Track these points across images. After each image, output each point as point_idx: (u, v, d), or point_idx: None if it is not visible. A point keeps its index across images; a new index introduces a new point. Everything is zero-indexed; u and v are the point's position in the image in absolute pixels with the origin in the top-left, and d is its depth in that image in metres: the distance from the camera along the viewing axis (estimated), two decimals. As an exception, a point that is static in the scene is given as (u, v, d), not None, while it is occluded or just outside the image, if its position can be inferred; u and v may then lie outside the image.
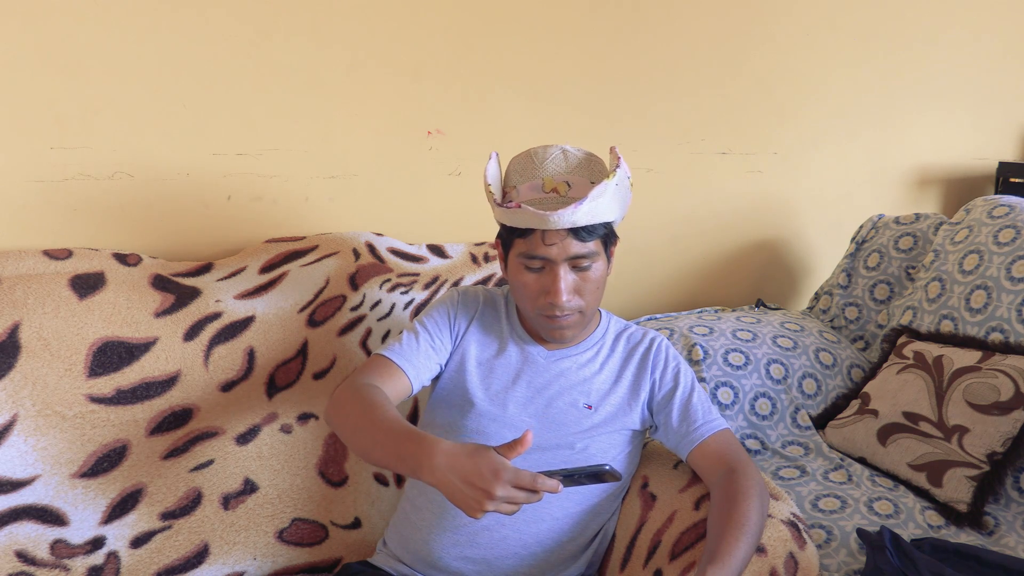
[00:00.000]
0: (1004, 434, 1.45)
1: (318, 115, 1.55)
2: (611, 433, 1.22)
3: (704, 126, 2.02)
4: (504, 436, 1.18)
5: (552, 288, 1.12)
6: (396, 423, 0.98)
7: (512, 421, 1.19)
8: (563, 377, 1.23)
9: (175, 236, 1.48)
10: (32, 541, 1.20)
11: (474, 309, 1.28)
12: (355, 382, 1.10)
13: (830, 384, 1.79)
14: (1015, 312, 1.61)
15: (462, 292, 1.30)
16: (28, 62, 1.31)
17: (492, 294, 1.32)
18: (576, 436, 1.20)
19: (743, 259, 2.20)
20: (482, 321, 1.27)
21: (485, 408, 1.20)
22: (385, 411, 1.01)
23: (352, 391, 1.07)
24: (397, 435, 0.95)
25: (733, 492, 1.08)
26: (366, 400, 1.04)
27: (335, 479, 1.39)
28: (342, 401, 1.07)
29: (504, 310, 1.29)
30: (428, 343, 1.21)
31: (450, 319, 1.25)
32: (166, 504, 1.28)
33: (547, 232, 1.09)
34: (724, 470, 1.14)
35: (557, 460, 1.18)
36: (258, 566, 1.32)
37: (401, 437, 0.94)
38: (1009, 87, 2.49)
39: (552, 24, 1.76)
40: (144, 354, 1.30)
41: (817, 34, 2.13)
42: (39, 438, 1.22)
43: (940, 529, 1.42)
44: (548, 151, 1.14)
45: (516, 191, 1.13)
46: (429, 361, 1.21)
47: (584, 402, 1.22)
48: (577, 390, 1.22)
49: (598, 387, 1.23)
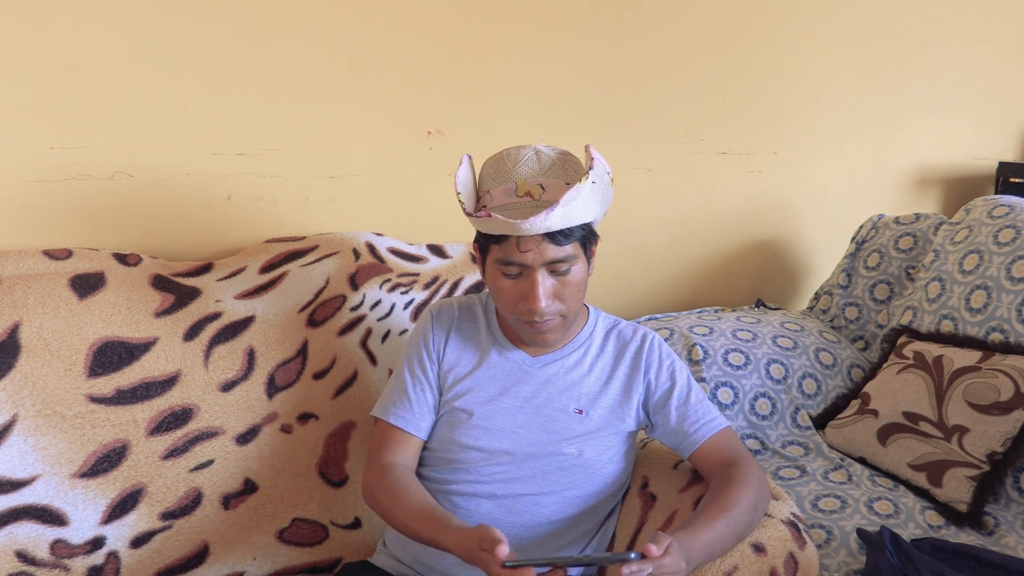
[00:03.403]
0: (1004, 434, 1.45)
1: (318, 115, 1.55)
2: (606, 437, 1.21)
3: (704, 126, 2.02)
4: (497, 447, 1.17)
5: (530, 294, 1.10)
6: (417, 510, 1.11)
7: (503, 432, 1.18)
8: (551, 383, 1.21)
9: (175, 236, 1.48)
10: (32, 541, 1.20)
11: (448, 324, 1.26)
12: (378, 465, 1.19)
13: (830, 384, 1.79)
14: (1015, 312, 1.61)
15: (436, 312, 1.27)
16: (28, 62, 1.31)
17: (469, 304, 1.29)
18: (568, 442, 1.18)
19: (743, 259, 2.20)
20: (459, 334, 1.25)
21: (474, 421, 1.19)
22: (408, 499, 1.13)
23: (378, 478, 1.17)
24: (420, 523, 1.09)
25: (727, 479, 1.11)
26: (391, 488, 1.15)
27: (335, 479, 1.39)
28: (372, 490, 1.18)
29: (483, 318, 1.27)
30: (420, 391, 1.22)
31: (428, 349, 1.24)
32: (166, 504, 1.28)
33: (522, 238, 1.07)
34: (725, 467, 1.14)
35: (551, 467, 1.18)
36: (258, 566, 1.32)
37: (424, 525, 1.08)
38: (1009, 87, 2.49)
39: (552, 24, 1.76)
40: (144, 354, 1.30)
41: (817, 35, 2.12)
42: (39, 438, 1.22)
43: (940, 529, 1.42)
44: (521, 152, 1.12)
45: (490, 196, 1.11)
46: (426, 407, 1.22)
47: (575, 407, 1.20)
48: (566, 395, 1.20)
49: (588, 390, 1.21)
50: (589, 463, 1.19)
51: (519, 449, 1.18)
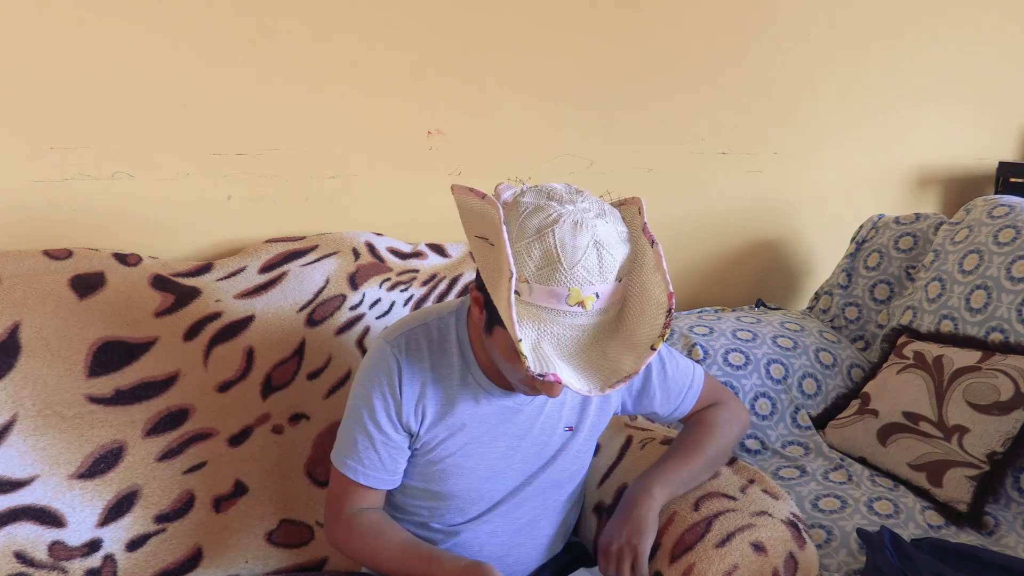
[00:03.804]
0: (1004, 434, 1.45)
1: (318, 115, 1.55)
2: (592, 438, 1.21)
3: (704, 126, 2.02)
4: (493, 488, 1.15)
5: (546, 388, 0.99)
6: (401, 550, 1.06)
7: (497, 473, 1.14)
8: (541, 413, 1.14)
9: (175, 236, 1.48)
10: (31, 542, 1.20)
11: (421, 378, 1.08)
12: (341, 518, 1.10)
13: (830, 384, 1.79)
14: (1015, 312, 1.61)
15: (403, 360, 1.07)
16: (28, 62, 1.31)
17: (441, 339, 1.10)
18: (560, 457, 1.17)
19: (743, 259, 2.20)
20: (436, 387, 1.08)
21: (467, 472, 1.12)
22: (387, 542, 1.07)
23: (346, 531, 1.09)
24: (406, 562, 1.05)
25: (697, 420, 1.24)
26: (366, 536, 1.08)
27: (322, 479, 1.38)
28: (343, 544, 1.10)
29: (458, 359, 1.09)
30: (392, 448, 1.09)
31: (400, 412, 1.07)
32: (160, 507, 1.28)
33: None
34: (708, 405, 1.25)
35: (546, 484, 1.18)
36: (250, 569, 1.32)
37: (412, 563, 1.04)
38: (1009, 86, 2.49)
39: (552, 24, 1.76)
40: (144, 354, 1.29)
41: (817, 34, 2.12)
42: (38, 438, 1.22)
43: (940, 529, 1.42)
44: (578, 243, 0.89)
45: (528, 287, 0.90)
46: (400, 461, 1.11)
47: (564, 425, 1.16)
48: (555, 417, 1.15)
49: (573, 403, 1.16)
50: (579, 468, 1.22)
51: (515, 483, 1.16)
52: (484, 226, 0.96)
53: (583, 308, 0.90)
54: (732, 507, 1.14)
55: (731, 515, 1.12)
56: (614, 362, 0.92)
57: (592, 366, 0.91)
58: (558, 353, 0.90)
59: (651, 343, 0.92)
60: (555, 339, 0.91)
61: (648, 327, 0.94)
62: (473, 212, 0.98)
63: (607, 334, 0.94)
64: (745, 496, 1.16)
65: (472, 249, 0.99)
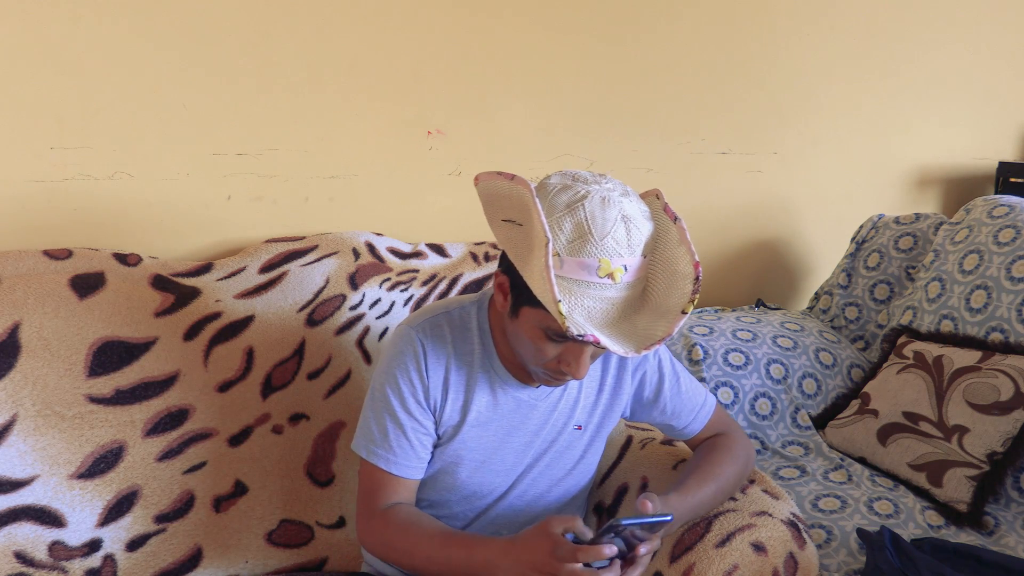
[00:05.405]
0: (1004, 434, 1.45)
1: (318, 115, 1.55)
2: (600, 439, 1.22)
3: (704, 126, 2.02)
4: (502, 484, 1.16)
5: (574, 365, 0.98)
6: (441, 537, 1.03)
7: (510, 468, 1.15)
8: (555, 411, 1.15)
9: (175, 236, 1.48)
10: (31, 542, 1.20)
11: (444, 362, 1.09)
12: (376, 512, 1.08)
13: (830, 384, 1.79)
14: (1015, 312, 1.61)
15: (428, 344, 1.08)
16: (28, 62, 1.31)
17: (463, 324, 1.11)
18: (564, 455, 1.18)
19: (743, 259, 2.20)
20: (458, 374, 1.10)
21: (482, 466, 1.14)
22: (426, 531, 1.04)
23: (382, 525, 1.07)
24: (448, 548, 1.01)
25: (713, 446, 1.19)
26: (404, 527, 1.05)
27: (322, 479, 1.38)
28: (380, 538, 1.07)
29: (479, 346, 1.10)
30: (422, 434, 1.09)
31: (427, 394, 1.09)
32: (160, 507, 1.28)
33: None
34: (715, 435, 1.22)
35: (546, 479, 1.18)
36: (250, 569, 1.32)
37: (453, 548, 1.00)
38: (1009, 87, 2.49)
39: (552, 24, 1.76)
40: (144, 354, 1.29)
41: (818, 34, 2.12)
42: (38, 438, 1.22)
43: (940, 529, 1.42)
44: (607, 215, 0.92)
45: (559, 260, 0.92)
46: (427, 448, 1.11)
47: (574, 424, 1.17)
48: (566, 415, 1.16)
49: (584, 403, 1.17)
50: (585, 469, 1.22)
51: (522, 478, 1.17)
52: (512, 207, 0.97)
53: (612, 280, 0.93)
54: (732, 507, 1.14)
55: (731, 515, 1.12)
56: (645, 330, 0.95)
57: (623, 335, 0.94)
58: (590, 324, 0.92)
59: (681, 308, 0.95)
60: (586, 312, 0.93)
61: (677, 297, 0.96)
62: (500, 196, 0.99)
63: (634, 308, 0.97)
64: (745, 496, 1.16)
65: (497, 235, 1.00)
